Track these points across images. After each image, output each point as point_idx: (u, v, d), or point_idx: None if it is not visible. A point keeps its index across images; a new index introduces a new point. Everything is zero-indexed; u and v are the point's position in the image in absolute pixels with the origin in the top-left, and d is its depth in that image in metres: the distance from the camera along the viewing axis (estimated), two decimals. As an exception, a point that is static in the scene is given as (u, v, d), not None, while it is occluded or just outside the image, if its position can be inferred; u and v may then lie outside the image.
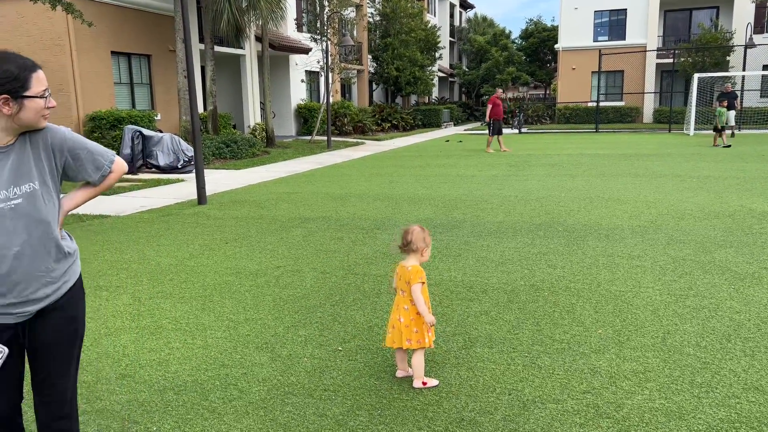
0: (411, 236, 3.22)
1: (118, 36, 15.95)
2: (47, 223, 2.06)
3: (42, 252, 2.05)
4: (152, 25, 17.05)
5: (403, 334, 3.18)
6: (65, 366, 2.22)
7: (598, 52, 28.97)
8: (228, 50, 20.12)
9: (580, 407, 2.97)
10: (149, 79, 17.34)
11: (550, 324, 4.08)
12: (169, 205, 9.52)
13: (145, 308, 4.60)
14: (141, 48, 16.80)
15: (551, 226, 7.18)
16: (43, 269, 2.07)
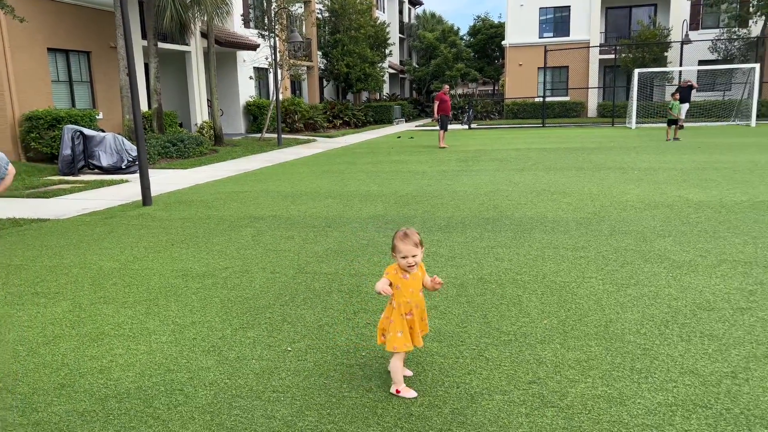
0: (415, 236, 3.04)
1: (55, 32, 15.34)
2: None
3: None
4: (91, 21, 16.47)
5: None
6: None
7: (543, 49, 29.62)
8: (172, 47, 19.64)
9: (526, 397, 3.03)
10: (89, 76, 16.75)
11: (497, 316, 4.15)
12: (113, 207, 9.22)
13: (86, 314, 4.45)
14: (80, 44, 16.21)
15: (499, 220, 7.29)
16: None
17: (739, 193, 8.64)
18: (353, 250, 6.11)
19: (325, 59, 31.32)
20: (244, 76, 24.80)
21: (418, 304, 3.12)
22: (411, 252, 3.00)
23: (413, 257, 3.00)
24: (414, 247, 3.01)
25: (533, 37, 34.90)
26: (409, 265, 3.02)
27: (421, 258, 3.08)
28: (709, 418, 2.79)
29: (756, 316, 4.02)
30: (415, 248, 3.01)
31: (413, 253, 3.00)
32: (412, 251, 3.00)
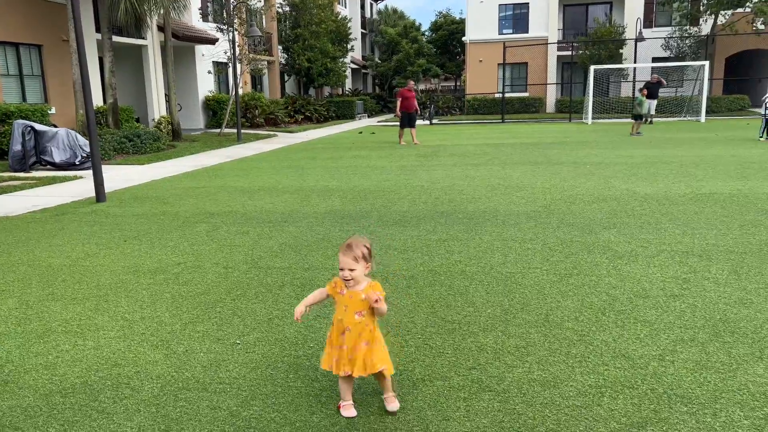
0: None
1: (4, 24, 14.89)
2: None
3: None
4: (43, 13, 16.03)
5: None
6: None
7: (502, 45, 30.03)
8: (128, 40, 19.26)
9: (465, 383, 3.15)
10: (41, 70, 16.32)
11: (443, 306, 4.27)
12: (65, 203, 9.05)
13: (33, 312, 4.40)
14: (30, 37, 15.77)
15: (453, 214, 7.44)
16: None
17: (683, 186, 8.99)
18: (308, 244, 6.16)
19: (286, 54, 31.11)
20: (202, 70, 24.48)
21: (350, 328, 2.78)
22: (348, 265, 2.73)
23: (350, 271, 2.73)
24: (353, 260, 2.72)
25: (493, 33, 35.33)
26: (344, 278, 2.76)
27: (360, 274, 2.75)
28: (635, 398, 2.96)
29: (687, 302, 4.24)
30: (354, 262, 2.72)
31: (350, 266, 2.72)
32: (349, 264, 2.72)
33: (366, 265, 2.77)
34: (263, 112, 25.69)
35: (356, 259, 2.72)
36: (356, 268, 2.73)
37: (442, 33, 46.45)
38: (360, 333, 2.78)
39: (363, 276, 2.79)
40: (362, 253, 2.75)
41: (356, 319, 2.79)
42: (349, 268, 2.73)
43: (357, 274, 2.75)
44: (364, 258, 2.75)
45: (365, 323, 2.80)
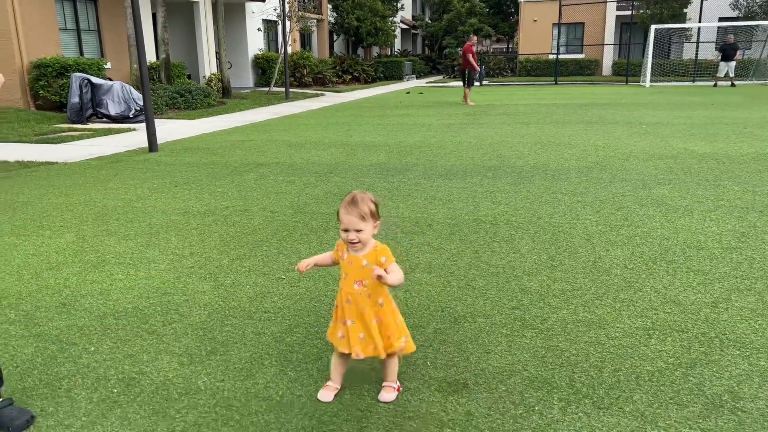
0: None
1: (62, -21, 15.20)
2: None
3: None
4: (98, -32, 16.28)
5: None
6: None
7: (559, 4, 28.92)
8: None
9: (508, 321, 3.12)
10: (97, 25, 16.65)
11: (488, 252, 4.22)
12: (119, 152, 9.32)
13: (89, 245, 4.57)
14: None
15: (500, 168, 7.30)
16: None
17: (745, 146, 8.56)
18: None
19: (335, 13, 30.83)
20: (252, 28, 24.53)
21: (350, 299, 2.35)
22: (353, 224, 2.24)
23: (356, 232, 2.25)
24: (359, 218, 2.23)
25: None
26: (350, 242, 2.29)
27: (368, 235, 2.28)
28: (684, 341, 2.87)
29: (744, 255, 4.06)
30: (360, 221, 2.23)
31: (356, 226, 2.24)
32: (355, 223, 2.24)
33: (374, 224, 2.30)
34: (311, 71, 25.66)
35: (363, 216, 2.24)
36: (364, 229, 2.25)
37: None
38: (363, 307, 2.32)
39: (371, 237, 2.32)
40: (369, 210, 2.26)
41: (355, 289, 2.33)
42: (355, 228, 2.24)
43: (365, 235, 2.27)
44: (372, 215, 2.27)
45: (368, 294, 2.32)
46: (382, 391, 2.46)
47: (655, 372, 2.59)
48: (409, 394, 2.47)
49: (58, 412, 2.41)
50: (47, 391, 2.56)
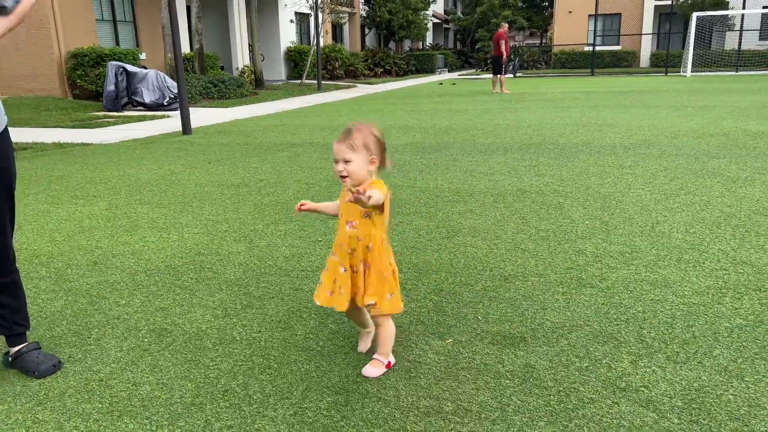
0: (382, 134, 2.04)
1: (98, -30, 15.36)
2: None
3: None
4: (134, -40, 16.41)
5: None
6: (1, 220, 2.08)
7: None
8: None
9: (563, 279, 2.89)
10: (133, 16, 16.80)
11: (535, 218, 3.98)
12: (153, 135, 9.30)
13: (122, 212, 4.48)
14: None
15: (542, 146, 7.02)
16: None
17: (802, 126, 8.10)
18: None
19: (367, 6, 30.67)
20: (285, 20, 24.53)
21: (342, 244, 2.05)
22: (342, 154, 1.96)
23: (344, 163, 1.95)
24: (348, 148, 1.95)
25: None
26: (339, 174, 1.98)
27: (360, 168, 1.96)
28: (763, 299, 2.59)
29: (818, 220, 3.74)
30: (350, 150, 1.95)
31: (344, 155, 1.95)
32: (343, 153, 1.96)
33: (370, 157, 1.96)
34: (343, 64, 25.55)
35: (353, 147, 1.95)
36: (352, 159, 1.95)
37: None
38: (353, 249, 2.02)
39: (364, 172, 1.97)
40: (363, 141, 1.95)
41: (347, 230, 2.04)
42: (343, 158, 1.95)
43: (354, 167, 1.95)
44: (366, 147, 1.95)
45: (358, 237, 2.01)
46: (368, 364, 2.10)
47: (735, 329, 2.33)
48: (461, 346, 2.26)
49: (87, 358, 2.27)
50: (76, 339, 2.43)
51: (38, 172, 6.25)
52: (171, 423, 1.84)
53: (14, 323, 2.19)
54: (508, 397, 1.92)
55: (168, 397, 1.98)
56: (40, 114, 12.03)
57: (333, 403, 1.92)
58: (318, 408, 1.89)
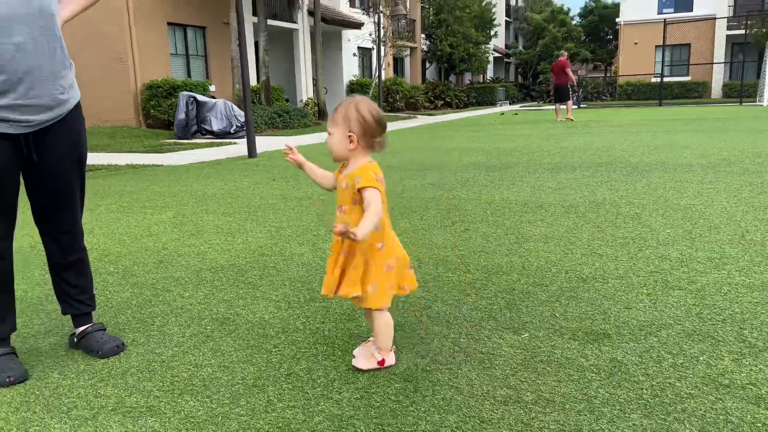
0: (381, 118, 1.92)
1: (175, 8, 16.20)
2: (50, 15, 1.88)
3: (46, 49, 1.87)
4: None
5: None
6: (71, 197, 2.07)
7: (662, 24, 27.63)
8: (281, 24, 20.19)
9: (647, 282, 2.67)
10: (204, 50, 17.57)
11: (611, 227, 3.76)
12: (220, 158, 9.55)
13: (188, 220, 4.53)
14: (196, 20, 17.03)
15: (612, 164, 6.75)
16: (49, 71, 1.89)
17: None
18: (452, 183, 5.86)
19: (428, 41, 31.07)
20: (347, 54, 25.10)
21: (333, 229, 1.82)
22: (327, 126, 1.93)
23: (328, 135, 1.92)
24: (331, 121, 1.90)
25: (651, 12, 32.68)
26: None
27: (338, 143, 1.87)
28: None
29: None
30: (331, 123, 1.89)
31: (328, 128, 1.92)
32: (328, 125, 1.91)
33: (349, 134, 1.84)
34: (404, 96, 25.82)
35: (334, 120, 1.88)
36: (332, 132, 1.88)
37: (593, 18, 43.86)
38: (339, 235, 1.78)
39: (341, 148, 1.88)
40: (344, 114, 1.84)
41: (337, 214, 1.99)
42: (328, 131, 1.92)
43: (331, 141, 1.89)
44: (346, 122, 1.84)
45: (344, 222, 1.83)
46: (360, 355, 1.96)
47: None
48: (538, 341, 2.09)
49: (149, 342, 2.23)
50: (140, 326, 2.41)
51: (111, 187, 6.48)
52: (232, 402, 1.76)
53: (80, 302, 2.18)
54: (595, 390, 1.73)
55: (229, 378, 1.91)
56: (115, 141, 12.62)
57: (401, 389, 1.79)
58: (385, 393, 1.77)
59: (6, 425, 1.69)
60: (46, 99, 1.91)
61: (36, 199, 2.05)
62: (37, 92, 1.88)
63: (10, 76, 1.81)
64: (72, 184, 2.07)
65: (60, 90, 1.95)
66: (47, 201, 2.05)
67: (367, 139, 1.87)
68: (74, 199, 2.09)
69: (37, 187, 2.02)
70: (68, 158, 2.03)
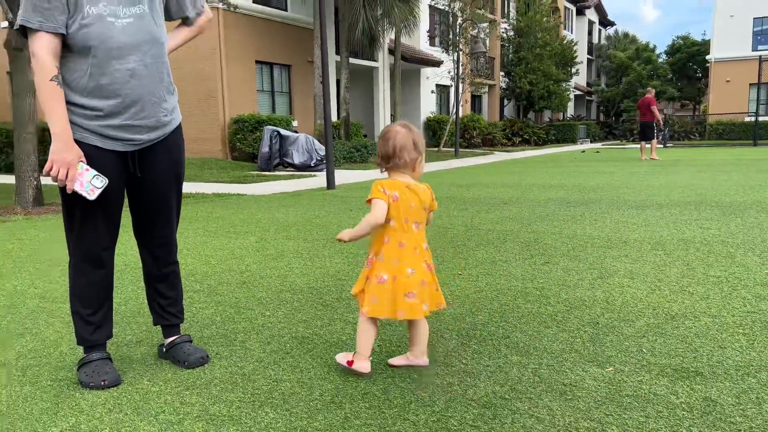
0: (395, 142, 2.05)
1: (263, 47, 17.07)
2: (161, 44, 2.05)
3: (155, 75, 2.04)
4: (294, 38, 18.07)
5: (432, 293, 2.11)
6: (168, 212, 2.21)
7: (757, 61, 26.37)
8: (362, 62, 20.80)
9: (744, 322, 2.51)
10: (289, 87, 18.33)
11: (702, 265, 3.57)
12: (301, 189, 9.84)
13: (270, 244, 4.69)
14: (283, 58, 17.85)
15: (702, 204, 6.43)
16: (157, 96, 2.05)
17: None
18: (530, 217, 5.76)
19: (507, 78, 31.03)
20: (426, 91, 25.46)
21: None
22: None
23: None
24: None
25: (745, 50, 31.28)
26: None
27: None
28: None
29: None
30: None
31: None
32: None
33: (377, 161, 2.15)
34: (481, 133, 25.79)
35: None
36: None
37: (680, 56, 42.43)
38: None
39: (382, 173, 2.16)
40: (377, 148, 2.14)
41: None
42: None
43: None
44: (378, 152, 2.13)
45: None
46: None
47: None
48: (623, 375, 2.00)
49: (232, 356, 2.31)
50: (223, 341, 2.49)
51: (198, 213, 6.81)
52: (310, 416, 1.78)
53: (170, 314, 2.30)
54: (687, 428, 1.63)
55: (308, 393, 1.94)
56: (203, 171, 13.28)
57: (479, 415, 1.76)
58: (463, 418, 1.74)
59: (100, 424, 1.79)
60: (152, 120, 2.06)
61: (137, 212, 2.20)
62: (146, 114, 2.03)
63: (123, 99, 1.98)
64: (170, 199, 2.20)
65: (164, 113, 2.10)
66: (147, 214, 2.19)
67: (386, 162, 2.08)
68: (171, 214, 2.23)
69: (139, 201, 2.17)
70: (168, 175, 2.17)
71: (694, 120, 34.22)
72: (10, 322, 2.82)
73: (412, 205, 2.06)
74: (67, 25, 1.91)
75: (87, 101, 1.97)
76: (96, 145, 2.01)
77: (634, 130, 33.40)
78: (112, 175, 2.03)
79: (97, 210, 2.04)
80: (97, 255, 2.09)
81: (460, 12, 21.93)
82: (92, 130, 1.99)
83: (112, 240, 2.12)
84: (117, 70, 1.95)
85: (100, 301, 2.14)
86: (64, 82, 1.96)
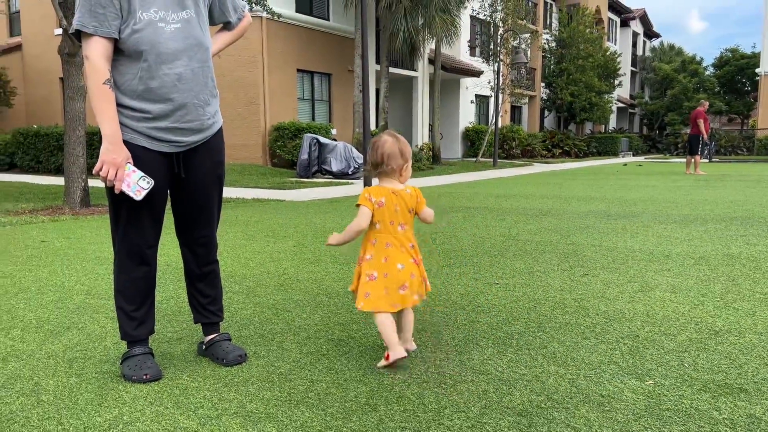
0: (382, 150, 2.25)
1: (304, 55, 17.32)
2: (206, 48, 2.12)
3: (201, 79, 2.10)
4: (335, 47, 18.29)
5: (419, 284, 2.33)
6: (209, 212, 2.27)
7: (810, 73, 25.46)
8: (402, 71, 20.89)
9: (793, 340, 2.42)
10: (328, 96, 18.53)
11: (749, 281, 3.46)
12: (338, 196, 9.93)
13: (308, 249, 4.74)
14: (323, 67, 18.07)
15: (749, 219, 6.24)
16: (202, 100, 2.12)
17: None
18: (569, 229, 5.69)
19: (548, 89, 30.72)
20: (465, 102, 25.39)
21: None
22: None
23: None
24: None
25: (797, 62, 30.23)
26: None
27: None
28: None
29: None
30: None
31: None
32: None
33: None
34: (520, 143, 25.56)
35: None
36: None
37: (728, 69, 41.26)
38: None
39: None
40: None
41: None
42: None
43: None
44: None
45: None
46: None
47: None
48: (663, 389, 1.96)
49: (269, 356, 2.34)
50: (260, 340, 2.54)
51: (238, 217, 6.93)
52: (345, 417, 1.80)
53: (210, 312, 2.35)
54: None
55: (343, 394, 1.95)
56: (243, 177, 13.52)
57: (514, 422, 1.74)
58: (498, 425, 1.73)
59: (142, 416, 1.84)
60: (196, 123, 2.12)
61: (180, 212, 2.26)
62: (191, 117, 2.10)
63: (171, 102, 2.04)
64: (211, 199, 2.26)
65: (208, 116, 2.16)
66: (189, 214, 2.25)
67: (376, 169, 2.30)
68: (212, 214, 2.29)
69: (182, 201, 2.23)
70: (210, 176, 2.23)
71: (742, 134, 33.21)
72: (58, 317, 2.93)
73: (396, 208, 2.28)
74: (120, 30, 1.98)
75: (136, 104, 2.04)
76: (144, 146, 2.08)
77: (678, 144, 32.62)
78: (158, 176, 2.10)
79: (143, 209, 2.11)
80: (141, 252, 2.16)
81: (501, 22, 21.86)
82: (141, 131, 2.07)
83: (155, 238, 2.19)
84: (166, 74, 2.02)
85: (143, 298, 2.21)
86: (115, 85, 2.03)
